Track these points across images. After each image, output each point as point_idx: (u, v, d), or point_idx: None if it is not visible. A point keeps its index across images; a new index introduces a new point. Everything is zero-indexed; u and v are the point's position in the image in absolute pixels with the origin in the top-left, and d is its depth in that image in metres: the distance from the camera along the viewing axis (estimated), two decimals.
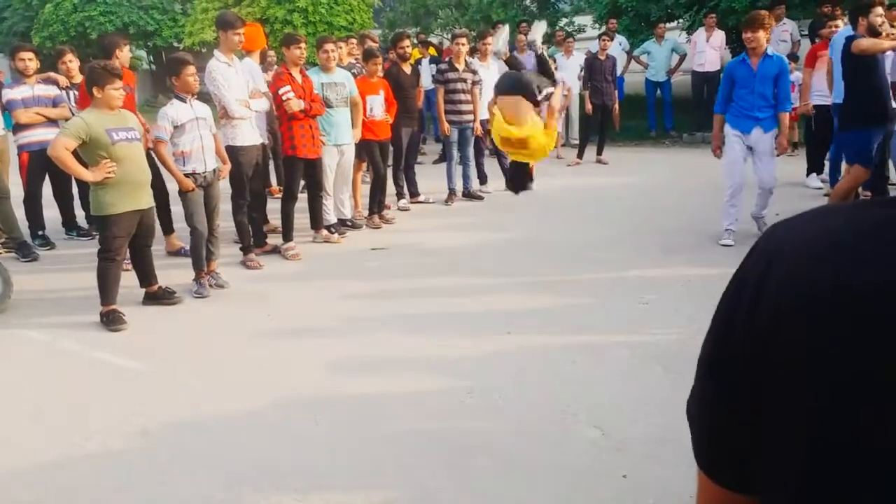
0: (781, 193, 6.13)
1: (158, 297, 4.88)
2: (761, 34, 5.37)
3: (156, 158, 5.14)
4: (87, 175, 4.45)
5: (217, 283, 5.18)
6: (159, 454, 3.07)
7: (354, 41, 8.01)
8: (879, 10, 5.34)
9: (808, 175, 7.53)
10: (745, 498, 0.74)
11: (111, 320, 4.49)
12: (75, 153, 4.46)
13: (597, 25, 12.86)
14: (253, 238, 5.81)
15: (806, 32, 10.80)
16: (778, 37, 10.22)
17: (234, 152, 5.43)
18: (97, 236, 5.06)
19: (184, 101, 4.94)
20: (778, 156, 5.69)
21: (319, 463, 2.95)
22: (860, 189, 5.97)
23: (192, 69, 4.93)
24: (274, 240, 6.11)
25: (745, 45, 5.60)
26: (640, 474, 2.76)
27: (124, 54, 5.57)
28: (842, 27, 6.53)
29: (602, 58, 9.69)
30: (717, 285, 0.98)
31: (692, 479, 3.01)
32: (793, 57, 9.68)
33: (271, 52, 6.43)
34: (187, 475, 2.91)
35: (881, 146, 5.64)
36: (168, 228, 6.04)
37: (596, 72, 9.66)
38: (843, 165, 6.14)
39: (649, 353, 3.80)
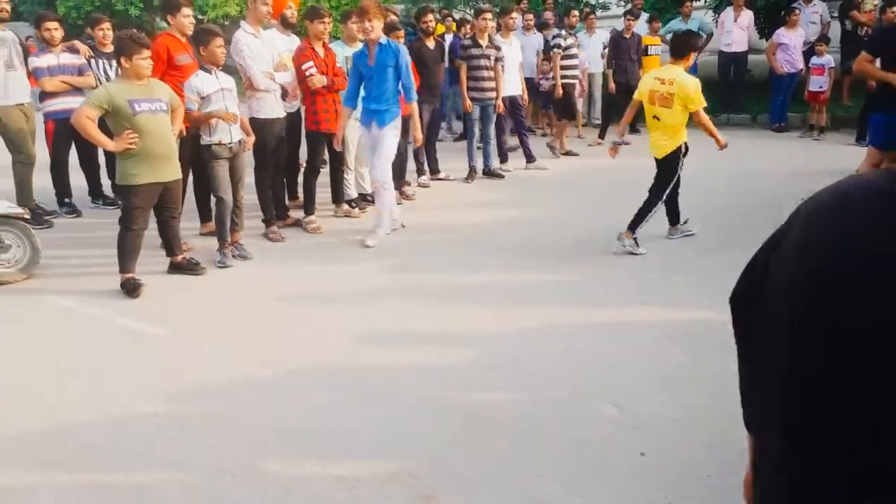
0: (810, 178, 6.05)
1: (183, 266, 4.95)
2: (376, 23, 5.15)
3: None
4: (109, 144, 4.50)
5: (241, 254, 5.24)
6: (182, 418, 3.13)
7: None
8: None
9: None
10: None
11: (129, 288, 4.56)
12: (105, 123, 4.51)
13: (622, 3, 12.67)
14: (275, 211, 5.85)
15: (836, 14, 10.59)
16: (808, 18, 10.03)
17: (258, 125, 5.45)
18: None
19: (209, 72, 4.96)
20: (415, 148, 5.73)
21: (339, 430, 3.00)
22: None
23: (220, 41, 4.95)
24: (296, 213, 6.15)
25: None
26: (658, 452, 2.78)
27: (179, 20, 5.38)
28: None
29: (627, 36, 9.57)
30: (739, 268, 0.99)
31: (711, 459, 3.03)
32: (823, 38, 9.51)
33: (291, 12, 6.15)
34: (211, 438, 2.97)
35: None
36: (206, 215, 5.83)
37: (621, 50, 9.54)
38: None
39: (670, 333, 3.81)
